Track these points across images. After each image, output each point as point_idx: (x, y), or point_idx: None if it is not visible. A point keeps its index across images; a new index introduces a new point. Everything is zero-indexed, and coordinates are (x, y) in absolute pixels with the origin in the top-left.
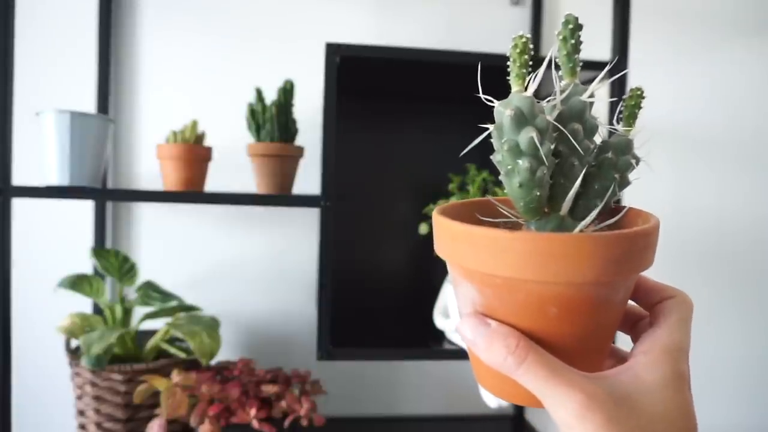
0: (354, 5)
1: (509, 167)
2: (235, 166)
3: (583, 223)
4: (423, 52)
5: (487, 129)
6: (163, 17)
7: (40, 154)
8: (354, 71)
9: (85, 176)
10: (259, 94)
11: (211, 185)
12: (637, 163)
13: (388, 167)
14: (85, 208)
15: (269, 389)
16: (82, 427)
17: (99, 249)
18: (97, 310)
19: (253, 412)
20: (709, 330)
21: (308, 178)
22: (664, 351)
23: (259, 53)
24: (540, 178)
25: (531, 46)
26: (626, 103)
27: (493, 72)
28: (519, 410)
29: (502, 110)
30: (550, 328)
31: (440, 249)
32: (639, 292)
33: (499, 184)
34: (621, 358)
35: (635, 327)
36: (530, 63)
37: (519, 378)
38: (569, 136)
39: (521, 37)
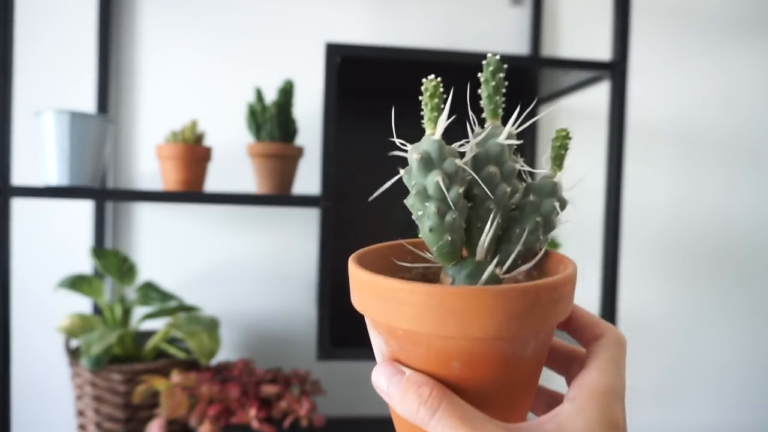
0: (354, 5)
1: (419, 212)
2: (235, 166)
3: (490, 268)
4: (423, 52)
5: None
6: (163, 17)
7: (40, 154)
8: (354, 71)
9: (84, 176)
10: (259, 94)
11: (211, 185)
12: (563, 207)
13: (388, 167)
14: (85, 208)
15: (269, 389)
16: (81, 427)
17: (99, 249)
18: (97, 310)
19: (252, 412)
20: (718, 330)
21: (308, 178)
22: (592, 397)
23: (259, 53)
24: (450, 222)
25: (441, 89)
26: (552, 144)
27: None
28: None
29: (411, 154)
30: (457, 382)
31: (354, 298)
32: (571, 326)
33: None
34: (555, 402)
35: (569, 368)
36: (442, 105)
37: (432, 430)
38: (478, 180)
39: (431, 80)
